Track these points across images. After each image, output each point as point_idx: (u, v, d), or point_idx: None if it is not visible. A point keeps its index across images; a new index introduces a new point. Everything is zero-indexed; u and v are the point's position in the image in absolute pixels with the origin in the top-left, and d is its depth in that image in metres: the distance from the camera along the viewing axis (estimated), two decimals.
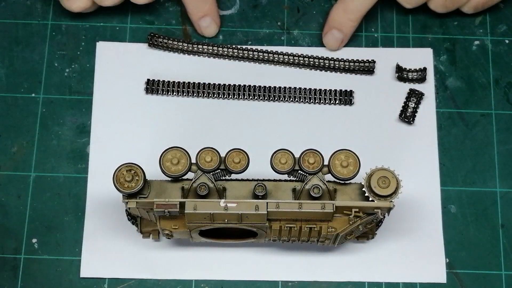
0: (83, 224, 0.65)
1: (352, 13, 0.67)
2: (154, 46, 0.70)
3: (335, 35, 0.68)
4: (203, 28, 0.70)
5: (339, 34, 0.68)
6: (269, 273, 0.64)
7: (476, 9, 0.69)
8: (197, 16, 0.69)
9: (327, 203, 0.55)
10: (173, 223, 0.57)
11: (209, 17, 0.69)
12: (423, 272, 0.64)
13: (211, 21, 0.69)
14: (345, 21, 0.67)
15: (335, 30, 0.68)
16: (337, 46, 0.69)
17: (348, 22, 0.67)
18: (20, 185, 0.66)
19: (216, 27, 0.70)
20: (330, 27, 0.68)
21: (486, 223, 0.66)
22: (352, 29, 0.68)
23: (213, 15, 0.69)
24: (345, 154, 0.57)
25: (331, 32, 0.68)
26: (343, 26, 0.68)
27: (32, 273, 0.64)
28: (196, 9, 0.69)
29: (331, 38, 0.69)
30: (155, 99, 0.69)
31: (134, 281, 0.64)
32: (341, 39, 0.69)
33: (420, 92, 0.69)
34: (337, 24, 0.68)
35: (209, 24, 0.69)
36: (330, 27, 0.68)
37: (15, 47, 0.70)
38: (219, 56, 0.70)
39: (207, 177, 0.57)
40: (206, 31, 0.70)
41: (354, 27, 0.68)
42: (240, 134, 0.68)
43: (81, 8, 0.68)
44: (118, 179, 0.55)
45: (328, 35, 0.69)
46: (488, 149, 0.68)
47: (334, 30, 0.68)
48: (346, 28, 0.68)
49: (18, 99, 0.69)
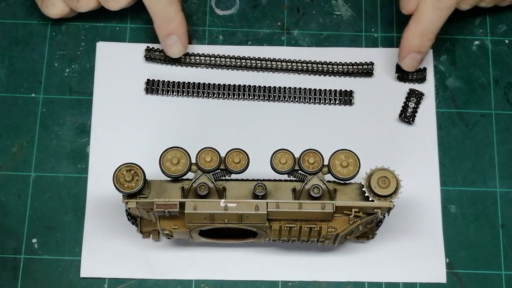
0: (83, 224, 0.65)
1: (431, 33, 0.65)
2: (151, 60, 0.69)
3: (415, 58, 0.67)
4: (167, 46, 0.67)
5: (418, 55, 0.67)
6: (269, 273, 0.64)
7: None
8: (162, 32, 0.67)
9: (327, 203, 0.55)
10: (173, 223, 0.57)
11: (175, 35, 0.66)
12: (423, 272, 0.65)
13: (176, 41, 0.67)
14: (424, 42, 0.66)
15: (415, 54, 0.66)
16: (416, 68, 0.68)
17: (426, 42, 0.66)
18: (20, 185, 0.66)
19: (182, 48, 0.67)
20: (409, 51, 0.66)
21: (486, 223, 0.66)
22: (430, 46, 0.67)
23: (179, 35, 0.67)
24: (345, 154, 0.57)
25: (411, 56, 0.67)
26: (422, 48, 0.66)
27: (32, 273, 0.64)
28: (162, 25, 0.66)
29: (412, 61, 0.67)
30: (155, 99, 0.69)
31: (134, 281, 0.64)
32: (420, 60, 0.68)
33: (420, 92, 0.69)
34: (417, 48, 0.66)
35: (174, 43, 0.67)
36: (409, 51, 0.66)
37: (15, 47, 0.70)
38: (217, 67, 0.70)
39: (207, 177, 0.57)
40: (170, 50, 0.67)
41: (432, 43, 0.67)
42: (240, 134, 0.68)
43: (59, 15, 0.69)
44: (118, 179, 0.55)
45: (408, 59, 0.67)
46: (488, 149, 0.68)
47: (413, 54, 0.66)
48: (425, 48, 0.67)
49: (18, 99, 0.69)
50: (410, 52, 0.67)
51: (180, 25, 0.67)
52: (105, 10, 0.70)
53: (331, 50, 0.71)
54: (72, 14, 0.70)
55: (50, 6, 0.68)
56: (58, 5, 0.68)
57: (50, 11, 0.68)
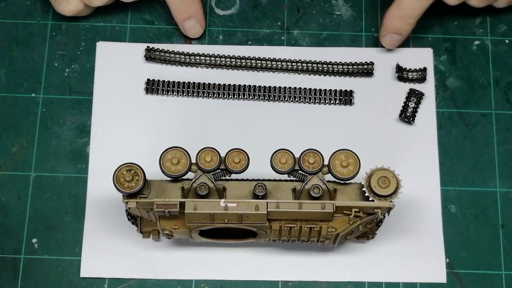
0: (83, 224, 0.65)
1: (410, 18, 0.67)
2: (151, 60, 0.69)
3: (393, 38, 0.68)
4: (187, 29, 0.69)
5: (398, 36, 0.68)
6: (269, 273, 0.64)
7: None
8: (181, 18, 0.69)
9: (327, 203, 0.55)
10: (173, 223, 0.57)
11: (193, 19, 0.69)
12: (423, 272, 0.64)
13: (195, 23, 0.69)
14: (403, 26, 0.67)
15: (394, 34, 0.68)
16: (395, 46, 0.69)
17: (406, 26, 0.67)
18: (20, 185, 0.66)
19: (201, 28, 0.70)
20: (388, 31, 0.68)
21: (486, 223, 0.66)
22: (410, 30, 0.68)
23: (197, 17, 0.69)
24: (345, 154, 0.57)
25: (390, 36, 0.68)
26: (401, 30, 0.68)
27: (32, 273, 0.64)
28: (180, 11, 0.68)
29: (390, 40, 0.69)
30: (155, 99, 0.69)
31: (134, 281, 0.64)
32: (400, 40, 0.69)
33: (420, 92, 0.69)
34: (396, 29, 0.68)
35: (193, 25, 0.69)
36: (388, 31, 0.68)
37: (15, 47, 0.70)
38: (217, 67, 0.70)
39: (207, 177, 0.57)
40: (190, 32, 0.70)
41: (412, 27, 0.68)
42: (240, 134, 0.68)
43: (73, 12, 0.68)
44: (118, 179, 0.55)
45: (387, 38, 0.68)
46: (488, 149, 0.68)
47: (393, 34, 0.68)
48: (404, 31, 0.68)
49: (18, 99, 0.69)
50: (390, 32, 0.68)
51: (198, 8, 0.69)
52: (105, 10, 0.70)
53: (331, 50, 0.71)
54: (86, 12, 0.70)
55: (64, 3, 0.68)
56: (72, 1, 0.68)
57: (64, 8, 0.68)
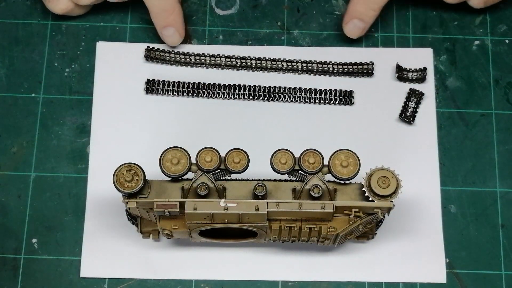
0: (83, 224, 0.65)
1: (374, 3, 0.67)
2: (151, 60, 0.69)
3: (356, 25, 0.68)
4: (166, 37, 0.69)
5: (360, 23, 0.68)
6: (269, 273, 0.64)
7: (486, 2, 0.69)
8: (160, 25, 0.68)
9: (327, 203, 0.55)
10: (173, 223, 0.57)
11: (172, 27, 0.68)
12: (423, 272, 0.64)
13: (174, 32, 0.68)
14: (366, 11, 0.67)
15: (356, 20, 0.68)
16: (358, 35, 0.69)
17: (369, 12, 0.67)
18: (20, 185, 0.66)
19: (179, 37, 0.69)
20: (351, 17, 0.68)
21: (486, 223, 0.66)
22: (374, 18, 0.68)
23: (176, 26, 0.68)
24: (345, 154, 0.57)
25: (352, 22, 0.68)
26: (364, 16, 0.67)
27: (32, 273, 0.64)
28: (159, 17, 0.68)
29: (353, 27, 0.68)
30: (155, 99, 0.69)
31: (134, 281, 0.64)
32: (363, 28, 0.68)
33: (420, 92, 0.69)
34: (358, 14, 0.67)
35: (172, 34, 0.68)
36: (351, 17, 0.68)
37: (15, 47, 0.70)
38: (217, 67, 0.70)
39: (207, 177, 0.57)
40: (168, 40, 0.69)
41: (375, 16, 0.68)
42: (240, 134, 0.68)
43: (63, 10, 0.69)
44: (118, 179, 0.55)
45: (350, 25, 0.68)
46: (488, 149, 0.68)
47: (356, 20, 0.68)
48: (367, 17, 0.68)
49: (18, 99, 0.69)
50: (353, 18, 0.68)
51: (177, 17, 0.68)
52: (105, 9, 0.70)
53: (331, 50, 0.71)
54: (78, 12, 0.70)
55: (54, 1, 0.68)
56: (62, 0, 0.68)
57: (54, 6, 0.68)
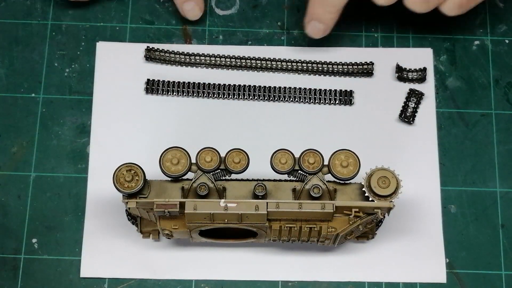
0: (83, 224, 0.65)
1: (331, 5, 0.66)
2: (151, 60, 0.69)
3: (316, 26, 0.67)
4: (186, 12, 0.70)
5: (320, 25, 0.67)
6: (269, 273, 0.64)
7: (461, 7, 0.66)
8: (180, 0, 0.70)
9: (327, 203, 0.55)
10: (173, 223, 0.57)
11: (192, 1, 0.69)
12: (423, 272, 0.65)
13: (194, 5, 0.70)
14: (323, 13, 0.67)
15: (315, 22, 0.67)
16: (319, 36, 0.69)
17: (326, 15, 0.67)
18: (20, 185, 0.66)
19: (199, 10, 0.70)
20: (310, 18, 0.68)
21: (486, 223, 0.66)
22: (332, 20, 0.67)
23: (196, 0, 0.70)
24: (345, 154, 0.57)
25: (312, 23, 0.67)
26: (322, 18, 0.67)
27: (32, 273, 0.64)
28: None
29: (313, 28, 0.68)
30: (155, 99, 0.69)
31: (134, 281, 0.64)
32: (323, 30, 0.68)
33: (420, 92, 0.69)
34: (316, 16, 0.67)
35: (192, 7, 0.70)
36: (310, 18, 0.68)
37: (15, 47, 0.70)
38: (217, 67, 0.70)
39: (207, 177, 0.57)
40: (189, 14, 0.70)
41: (334, 19, 0.67)
42: (240, 134, 0.68)
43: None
44: (118, 179, 0.55)
45: (310, 26, 0.68)
46: (488, 149, 0.68)
47: (314, 22, 0.67)
48: (325, 20, 0.67)
49: (18, 99, 0.69)
50: (312, 19, 0.67)
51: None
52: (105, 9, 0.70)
53: (331, 50, 0.71)
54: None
55: None
56: None
57: None
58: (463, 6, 0.66)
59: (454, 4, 0.65)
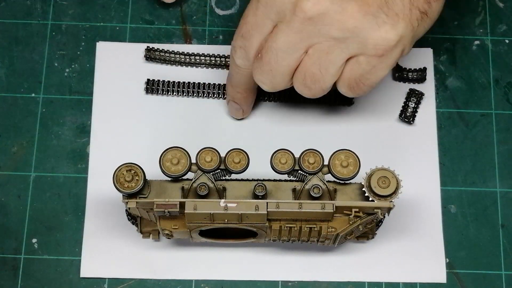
0: (83, 224, 0.65)
1: (237, 86, 0.64)
2: (151, 60, 0.69)
3: (233, 106, 0.66)
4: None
5: (236, 105, 0.66)
6: (269, 273, 0.64)
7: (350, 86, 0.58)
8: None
9: (327, 203, 0.55)
10: (173, 223, 0.57)
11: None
12: (423, 272, 0.65)
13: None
14: (234, 93, 0.64)
15: (232, 102, 0.66)
16: (239, 117, 0.67)
17: (237, 94, 0.64)
18: (20, 185, 0.66)
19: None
20: (228, 98, 0.66)
21: (486, 223, 0.66)
22: (246, 100, 0.65)
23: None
24: (345, 154, 0.57)
25: (231, 103, 0.66)
26: (235, 98, 0.65)
27: (32, 273, 0.64)
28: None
29: (231, 108, 0.66)
30: (155, 99, 0.69)
31: (134, 281, 0.64)
32: (241, 110, 0.66)
33: (420, 92, 0.69)
34: (231, 97, 0.65)
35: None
36: (228, 98, 0.66)
37: (15, 47, 0.70)
38: (217, 67, 0.70)
39: (207, 177, 0.57)
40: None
41: (247, 99, 0.65)
42: (240, 134, 0.68)
43: None
44: (118, 179, 0.55)
45: (229, 106, 0.66)
46: (488, 149, 0.68)
47: (231, 102, 0.66)
48: (238, 100, 0.65)
49: (18, 99, 0.69)
50: (229, 99, 0.66)
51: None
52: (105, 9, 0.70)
53: None
54: None
55: None
56: None
57: None
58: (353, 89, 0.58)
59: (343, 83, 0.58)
